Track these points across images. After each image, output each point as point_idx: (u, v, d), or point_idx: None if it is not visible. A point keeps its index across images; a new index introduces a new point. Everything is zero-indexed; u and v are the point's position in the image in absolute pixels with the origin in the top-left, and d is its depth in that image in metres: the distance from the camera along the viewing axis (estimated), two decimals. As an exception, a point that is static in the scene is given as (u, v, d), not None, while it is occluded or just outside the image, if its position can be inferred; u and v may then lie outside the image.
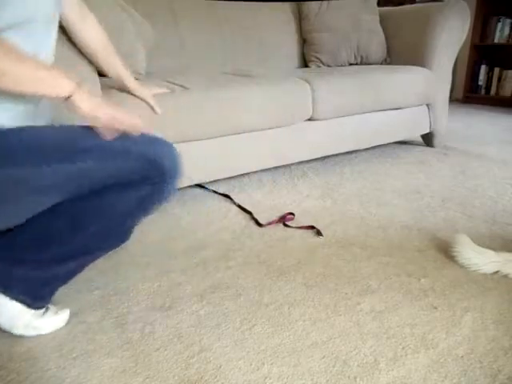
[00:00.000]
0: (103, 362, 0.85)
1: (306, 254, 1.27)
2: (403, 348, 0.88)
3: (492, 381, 0.80)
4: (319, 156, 1.95)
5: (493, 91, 4.00)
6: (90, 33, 1.12)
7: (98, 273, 1.16)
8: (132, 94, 1.34)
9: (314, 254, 1.27)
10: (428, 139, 2.45)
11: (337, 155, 2.27)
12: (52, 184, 0.78)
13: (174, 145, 0.86)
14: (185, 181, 1.56)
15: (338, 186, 1.83)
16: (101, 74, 1.49)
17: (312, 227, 1.42)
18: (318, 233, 1.39)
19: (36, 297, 0.92)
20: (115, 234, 0.91)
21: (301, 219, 1.50)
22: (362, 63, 2.44)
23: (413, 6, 2.46)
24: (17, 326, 0.90)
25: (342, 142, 2.00)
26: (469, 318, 0.98)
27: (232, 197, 1.69)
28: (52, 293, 0.94)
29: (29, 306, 0.91)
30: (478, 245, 1.21)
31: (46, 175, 0.77)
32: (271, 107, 1.67)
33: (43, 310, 0.93)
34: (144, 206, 0.88)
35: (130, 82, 1.31)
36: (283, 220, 1.47)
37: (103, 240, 0.91)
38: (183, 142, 1.49)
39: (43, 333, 0.92)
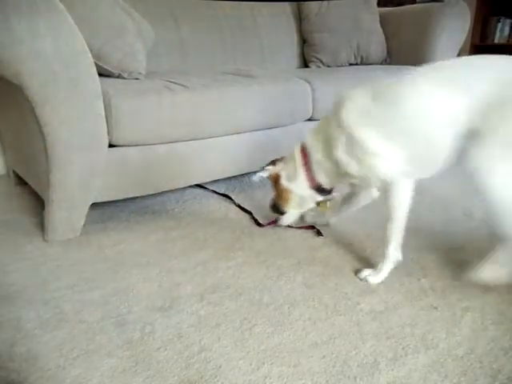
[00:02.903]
0: (103, 362, 0.85)
1: (306, 253, 1.27)
2: (403, 348, 0.88)
3: (492, 381, 0.80)
4: (319, 156, 1.95)
5: (493, 91, 3.99)
6: None
7: (98, 273, 1.16)
8: None
9: (314, 254, 1.27)
10: (428, 139, 2.45)
11: (337, 155, 2.27)
12: None
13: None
14: (185, 181, 1.56)
15: (338, 186, 1.82)
16: (101, 74, 1.49)
17: (312, 227, 1.42)
18: (318, 233, 1.39)
19: None
20: None
21: (301, 219, 1.49)
22: (362, 63, 2.44)
23: (413, 6, 2.46)
24: None
25: (342, 142, 2.00)
26: (469, 318, 0.98)
27: (232, 197, 1.69)
28: None
29: None
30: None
31: None
32: (271, 107, 1.67)
33: None
34: None
35: None
36: (283, 220, 1.47)
37: None
38: (183, 141, 1.49)
39: None
